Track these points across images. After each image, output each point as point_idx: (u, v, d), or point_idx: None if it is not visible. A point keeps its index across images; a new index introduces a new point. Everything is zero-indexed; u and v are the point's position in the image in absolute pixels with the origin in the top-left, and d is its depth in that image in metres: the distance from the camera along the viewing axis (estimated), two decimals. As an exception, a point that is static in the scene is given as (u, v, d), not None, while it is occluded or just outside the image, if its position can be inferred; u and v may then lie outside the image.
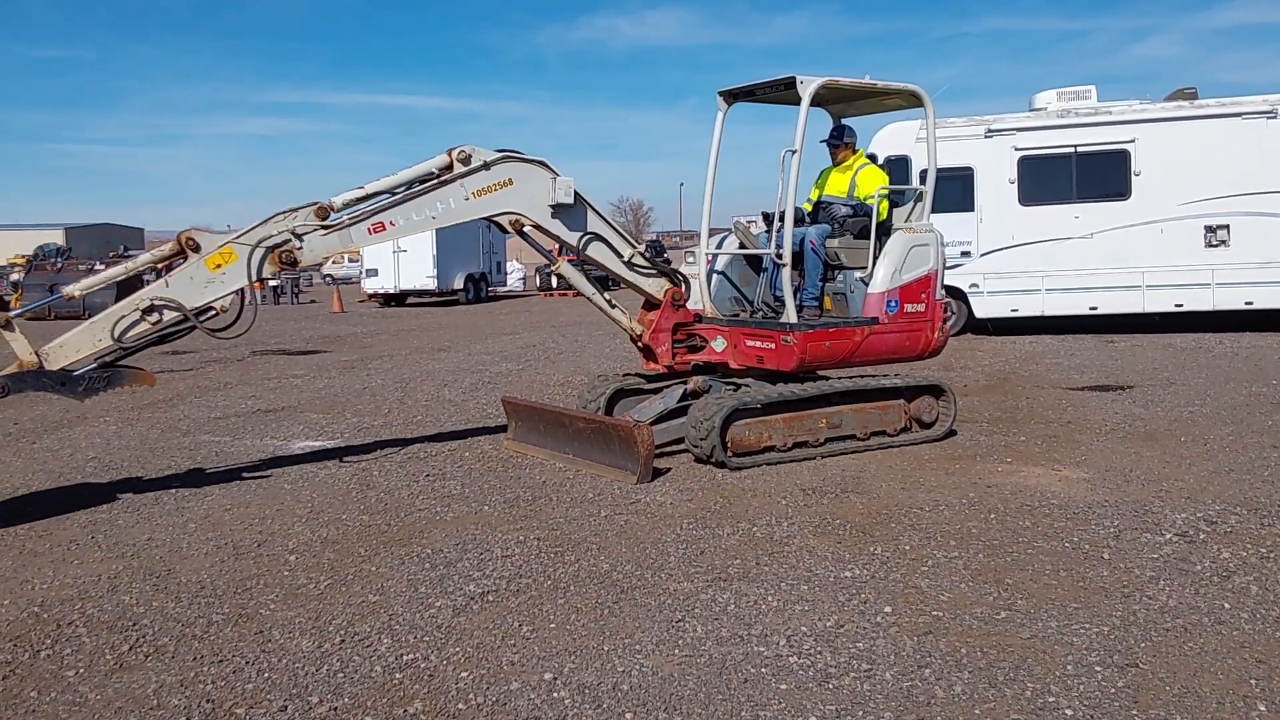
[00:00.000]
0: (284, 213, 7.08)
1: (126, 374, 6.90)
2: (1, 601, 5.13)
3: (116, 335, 6.68)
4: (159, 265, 7.05)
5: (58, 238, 70.39)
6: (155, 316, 6.76)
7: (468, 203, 7.61)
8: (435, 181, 7.50)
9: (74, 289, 6.82)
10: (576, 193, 7.92)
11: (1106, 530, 5.99)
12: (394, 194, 7.43)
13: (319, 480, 7.64)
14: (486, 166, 7.63)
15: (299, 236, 7.09)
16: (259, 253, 6.97)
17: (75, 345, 6.61)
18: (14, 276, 37.42)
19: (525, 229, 7.92)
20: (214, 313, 7.01)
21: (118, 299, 6.90)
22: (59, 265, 32.47)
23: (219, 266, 6.88)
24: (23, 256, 50.40)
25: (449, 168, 7.53)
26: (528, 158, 7.81)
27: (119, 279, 7.06)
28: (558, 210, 7.90)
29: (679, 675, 4.13)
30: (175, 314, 6.81)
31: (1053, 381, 12.08)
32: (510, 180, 7.73)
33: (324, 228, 7.19)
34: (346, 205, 7.28)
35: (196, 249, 6.85)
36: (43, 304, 7.67)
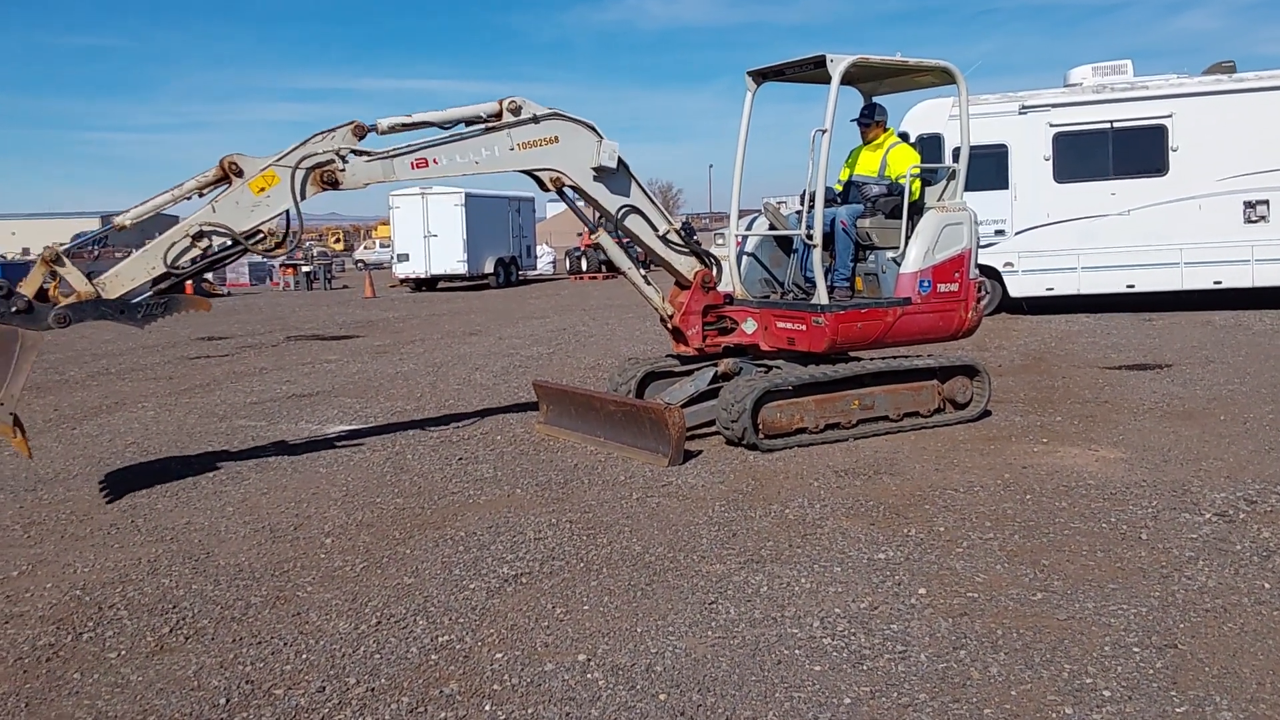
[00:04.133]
0: (321, 133, 7.09)
1: (183, 299, 7.07)
2: (44, 585, 5.22)
3: (169, 262, 6.79)
4: (203, 190, 7.08)
5: (94, 225, 71.14)
6: (205, 242, 6.87)
7: (512, 153, 7.64)
8: (483, 127, 7.54)
9: (124, 219, 6.92)
10: (620, 159, 7.93)
11: (1144, 510, 5.92)
12: (442, 128, 7.47)
13: (353, 464, 7.70)
14: (536, 120, 7.67)
15: (343, 157, 7.12)
16: (300, 173, 7.00)
17: (130, 274, 6.74)
18: (52, 265, 37.85)
19: (565, 188, 7.94)
20: (261, 235, 7.08)
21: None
22: (96, 253, 32.85)
23: (263, 190, 6.94)
24: (60, 244, 51.01)
25: (498, 116, 7.56)
26: (576, 118, 7.85)
27: (166, 207, 7.10)
28: (600, 174, 7.92)
29: (712, 657, 4.14)
30: (225, 238, 6.91)
31: (1089, 360, 11.95)
32: (556, 138, 7.76)
33: (368, 155, 7.22)
34: (392, 129, 7.31)
35: (240, 174, 6.90)
36: (92, 238, 7.66)
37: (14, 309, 6.30)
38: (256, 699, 3.89)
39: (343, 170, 7.12)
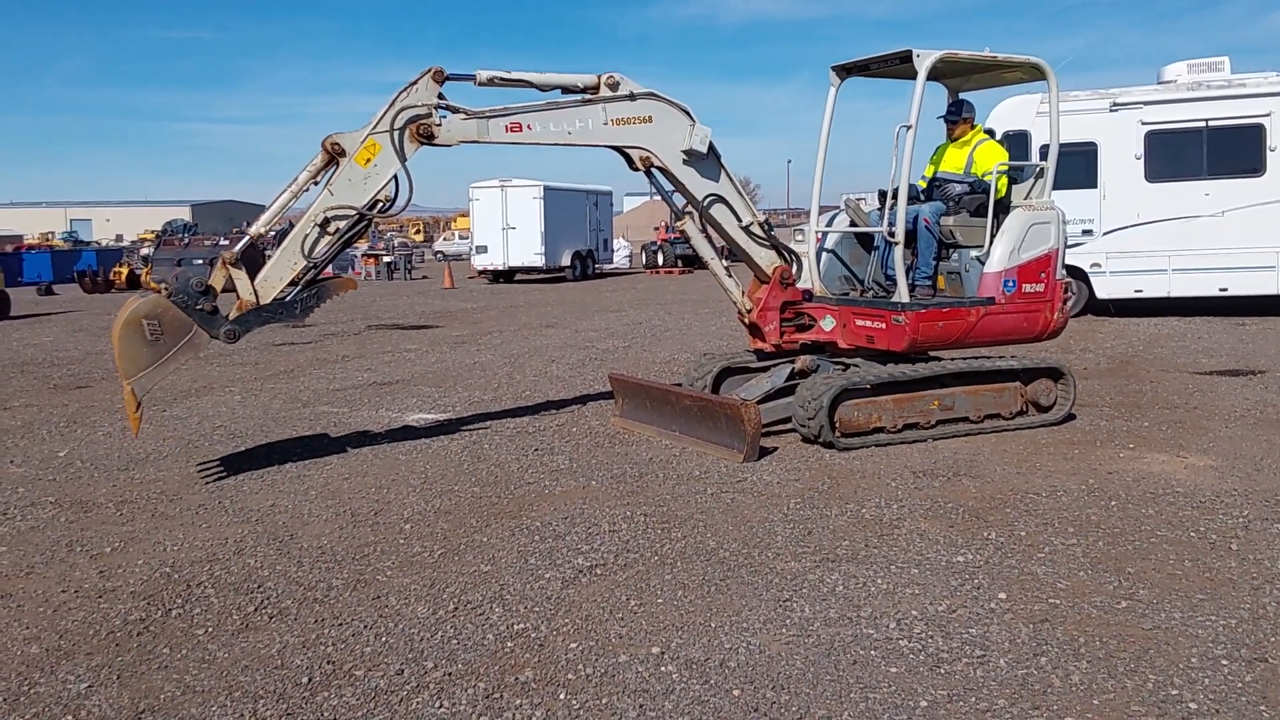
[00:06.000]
0: (404, 89, 7.17)
1: (330, 285, 7.40)
2: (135, 561, 5.40)
3: (308, 254, 7.05)
4: (316, 178, 7.24)
5: (184, 214, 73.21)
6: (333, 227, 7.09)
7: (605, 128, 7.70)
8: (580, 98, 7.61)
9: (259, 227, 7.23)
10: (711, 144, 7.94)
11: (1235, 520, 5.75)
12: (540, 90, 7.57)
13: (432, 452, 7.82)
14: (632, 98, 7.72)
15: (439, 112, 7.21)
16: (397, 134, 7.12)
17: (278, 275, 7.02)
18: (144, 251, 39.04)
19: (653, 169, 7.97)
20: (380, 204, 7.26)
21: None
22: (186, 240, 33.78)
23: (369, 160, 7.10)
24: (152, 232, 52.61)
25: (595, 89, 7.63)
26: (672, 100, 7.88)
27: (290, 205, 7.29)
28: (690, 158, 7.94)
29: (787, 654, 4.12)
30: (350, 217, 7.11)
31: (1179, 365, 11.62)
32: (650, 118, 7.80)
33: (465, 112, 7.32)
34: (490, 81, 7.40)
35: (342, 153, 7.06)
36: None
37: (200, 307, 6.69)
38: (338, 679, 3.98)
39: (439, 125, 7.22)
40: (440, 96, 7.24)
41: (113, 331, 6.63)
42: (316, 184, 7.16)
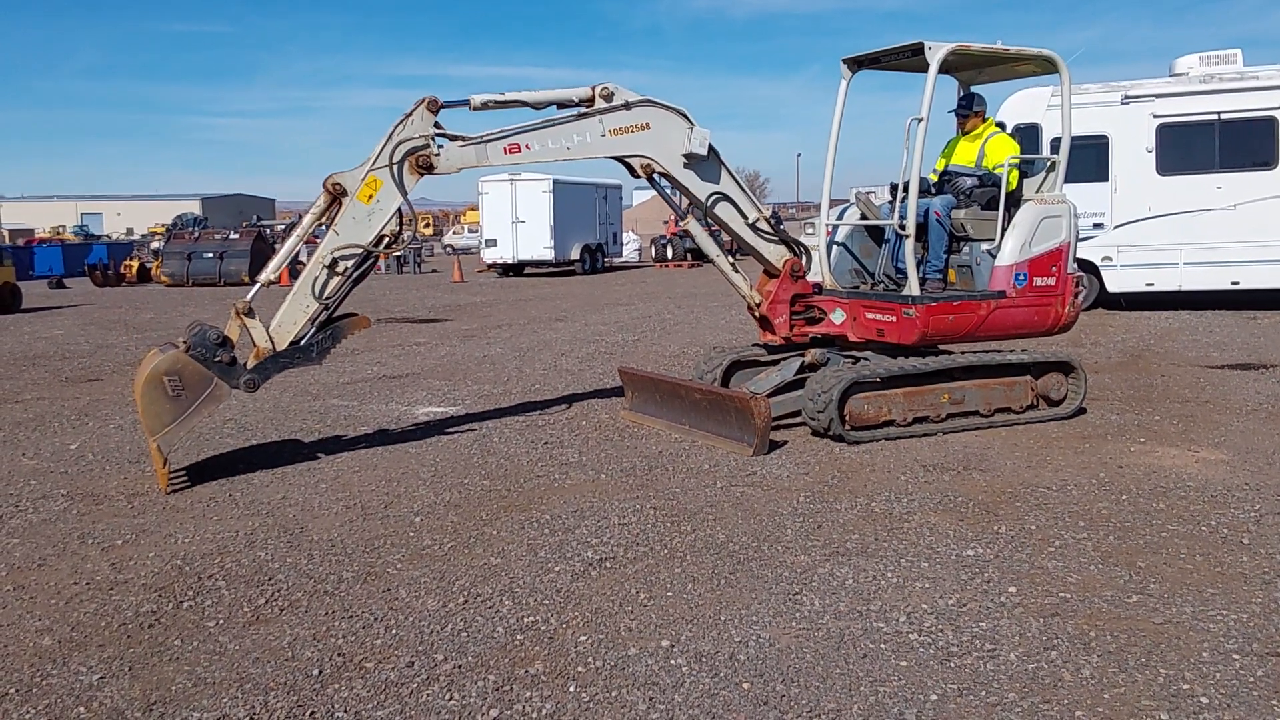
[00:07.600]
0: (400, 121, 7.16)
1: (344, 325, 7.40)
2: (147, 554, 5.42)
3: (320, 297, 7.06)
4: (322, 220, 7.26)
5: (194, 208, 73.44)
6: (340, 266, 7.09)
7: (604, 139, 7.68)
8: (575, 113, 7.60)
9: (269, 275, 7.18)
10: (711, 146, 7.92)
11: (1246, 514, 5.73)
12: (535, 109, 7.55)
13: (441, 445, 7.83)
14: (627, 106, 7.70)
15: (436, 141, 7.21)
16: (396, 168, 7.12)
17: (291, 319, 7.05)
18: (154, 245, 39.14)
19: (655, 174, 7.95)
20: (388, 239, 7.28)
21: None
22: (196, 234, 33.82)
23: (371, 197, 7.11)
24: (162, 225, 52.81)
25: (590, 101, 7.61)
26: (668, 105, 7.85)
27: (297, 248, 7.30)
28: (690, 160, 7.91)
29: (796, 648, 4.12)
30: (357, 255, 7.12)
31: (1190, 359, 11.58)
32: (648, 124, 7.77)
33: (462, 139, 7.31)
34: (485, 105, 7.39)
35: (344, 192, 7.07)
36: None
37: (218, 359, 6.73)
38: (348, 671, 3.99)
39: (437, 155, 7.21)
40: (437, 125, 7.22)
41: (135, 390, 6.70)
42: (324, 225, 7.18)
